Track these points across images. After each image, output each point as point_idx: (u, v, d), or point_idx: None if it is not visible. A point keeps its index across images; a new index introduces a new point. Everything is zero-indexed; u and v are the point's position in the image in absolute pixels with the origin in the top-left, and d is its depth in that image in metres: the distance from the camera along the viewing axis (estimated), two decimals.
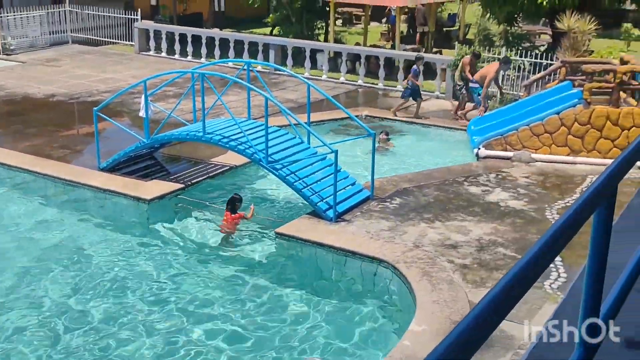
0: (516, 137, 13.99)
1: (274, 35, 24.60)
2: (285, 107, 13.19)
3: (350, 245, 9.63)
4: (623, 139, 13.44)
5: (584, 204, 1.73)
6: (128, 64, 23.14)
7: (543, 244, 1.61)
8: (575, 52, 16.89)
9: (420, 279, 8.65)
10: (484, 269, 9.08)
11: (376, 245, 9.63)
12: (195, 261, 10.21)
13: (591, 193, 1.78)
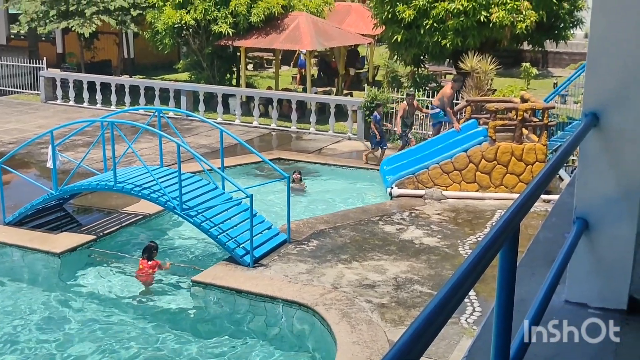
0: (427, 175, 14.34)
1: (185, 81, 24.51)
2: (199, 152, 13.12)
3: (269, 290, 9.56)
4: (528, 174, 13.99)
5: (487, 245, 1.79)
6: (34, 113, 22.51)
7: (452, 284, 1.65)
8: (479, 91, 17.56)
9: (339, 320, 8.65)
10: (402, 307, 9.18)
11: (294, 289, 9.60)
12: (111, 313, 9.89)
13: (494, 234, 1.85)
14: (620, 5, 3.04)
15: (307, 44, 21.71)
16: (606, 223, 3.14)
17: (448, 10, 18.67)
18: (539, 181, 2.29)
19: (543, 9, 19.10)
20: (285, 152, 17.90)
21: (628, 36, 3.03)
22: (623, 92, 3.08)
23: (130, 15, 24.81)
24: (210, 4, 22.27)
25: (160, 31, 23.02)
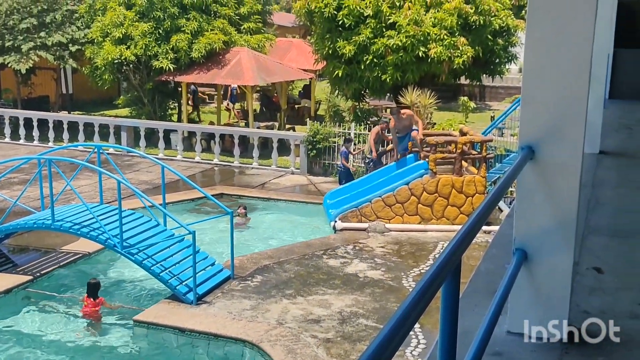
0: (370, 209, 14.44)
1: (126, 117, 24.24)
2: (140, 189, 12.93)
3: (213, 328, 9.42)
4: (468, 206, 14.24)
5: (430, 280, 1.81)
6: None
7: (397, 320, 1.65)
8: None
9: (285, 356, 8.57)
10: (347, 341, 9.15)
11: (239, 326, 9.47)
12: (51, 355, 9.56)
13: (436, 269, 1.86)
14: (551, 42, 3.14)
15: (249, 79, 21.78)
16: (544, 254, 3.21)
17: (387, 46, 19.02)
18: (478, 215, 2.33)
19: (479, 45, 19.66)
20: (228, 187, 17.80)
21: (560, 71, 3.14)
22: (557, 126, 3.17)
23: (68, 50, 24.53)
24: (151, 39, 22.17)
25: (100, 67, 22.77)
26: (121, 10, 22.72)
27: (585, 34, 3.11)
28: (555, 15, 3.13)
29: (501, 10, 20.00)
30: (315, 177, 19.00)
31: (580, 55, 3.13)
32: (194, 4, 22.71)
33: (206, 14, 23.25)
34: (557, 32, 3.14)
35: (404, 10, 19.14)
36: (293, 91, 31.91)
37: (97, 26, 23.14)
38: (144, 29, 22.10)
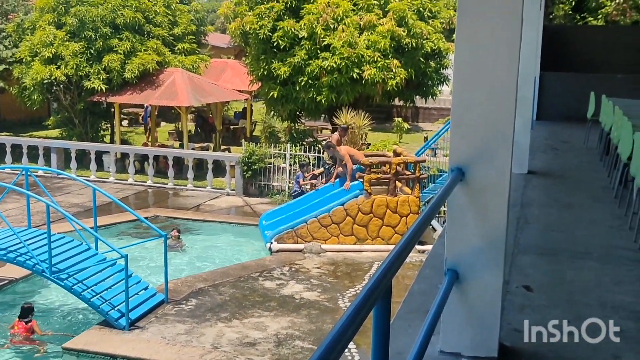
0: (306, 230, 14.44)
1: (56, 138, 23.66)
2: (70, 212, 12.61)
3: (145, 354, 9.21)
4: (402, 225, 14.40)
5: (360, 304, 1.80)
6: None
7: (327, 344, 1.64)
8: (354, 145, 18.00)
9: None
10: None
11: (173, 351, 9.29)
12: None
13: (366, 293, 1.86)
14: (478, 65, 3.21)
15: (184, 100, 21.59)
16: (475, 273, 3.26)
17: (322, 68, 19.17)
18: (406, 239, 2.34)
19: (412, 67, 20.01)
20: (162, 209, 17.52)
21: (487, 94, 3.21)
22: (485, 148, 3.23)
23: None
24: (82, 59, 21.77)
25: (29, 87, 22.20)
26: (51, 30, 22.26)
27: (511, 57, 3.19)
28: (481, 39, 3.21)
29: (433, 34, 20.43)
30: (251, 198, 18.90)
31: (506, 78, 3.21)
32: (127, 24, 22.43)
33: (139, 34, 23.00)
34: (483, 55, 3.21)
35: (338, 32, 19.35)
36: (228, 112, 31.79)
37: (26, 45, 22.60)
38: (75, 48, 21.69)
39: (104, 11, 22.18)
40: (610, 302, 4.13)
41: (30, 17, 23.83)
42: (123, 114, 28.66)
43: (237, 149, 21.81)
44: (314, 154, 18.81)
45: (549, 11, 19.95)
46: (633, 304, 4.14)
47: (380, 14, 20.26)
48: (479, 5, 3.20)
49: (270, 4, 20.20)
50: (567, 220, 6.21)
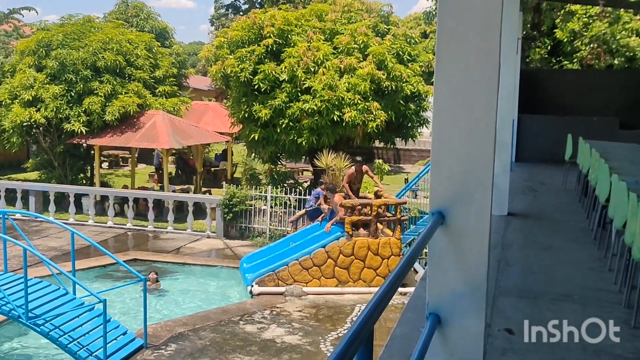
0: (287, 272, 14.36)
1: (35, 181, 23.48)
2: (48, 256, 12.47)
3: None
4: (384, 268, 14.37)
5: (343, 351, 1.79)
6: None
7: None
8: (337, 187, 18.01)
9: None
10: None
11: None
12: None
13: (349, 339, 1.85)
14: (457, 108, 3.25)
15: (164, 142, 21.58)
16: (456, 317, 3.25)
17: (303, 110, 19.29)
18: (389, 285, 2.34)
19: (392, 110, 20.20)
20: (141, 252, 17.36)
21: (466, 138, 3.24)
22: (465, 191, 3.25)
23: None
24: (62, 102, 21.75)
25: (8, 129, 22.08)
26: (32, 73, 22.27)
27: (489, 100, 3.23)
28: (460, 83, 3.25)
29: (412, 77, 20.69)
30: (231, 240, 18.80)
31: (485, 121, 3.24)
32: (108, 67, 22.51)
33: (120, 77, 23.07)
34: (462, 99, 3.25)
35: (319, 75, 19.54)
36: (209, 154, 31.79)
37: (6, 88, 22.56)
38: (56, 91, 21.68)
39: (85, 54, 22.25)
40: (591, 345, 4.12)
41: (11, 60, 23.83)
42: (103, 156, 28.55)
43: (218, 191, 21.77)
44: (295, 196, 18.81)
45: (526, 55, 20.32)
46: (613, 347, 4.14)
47: (360, 57, 20.51)
48: (457, 49, 3.25)
49: (251, 48, 20.39)
50: (547, 262, 6.24)
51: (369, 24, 21.63)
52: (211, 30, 64.37)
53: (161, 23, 32.23)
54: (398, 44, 21.23)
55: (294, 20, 21.34)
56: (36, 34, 23.98)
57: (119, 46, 23.15)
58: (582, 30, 20.30)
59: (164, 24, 32.30)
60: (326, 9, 22.54)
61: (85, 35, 23.42)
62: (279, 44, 20.42)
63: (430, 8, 30.66)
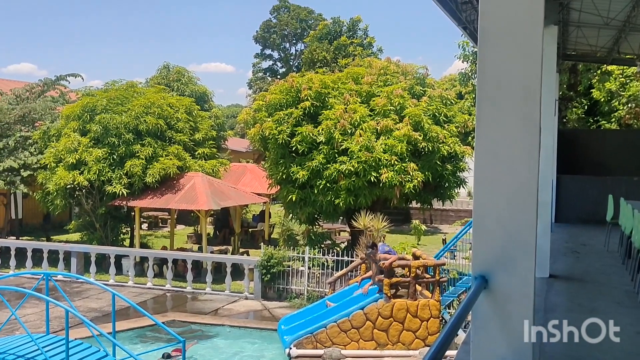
0: (325, 335, 14.23)
1: (77, 242, 23.85)
2: (89, 317, 12.58)
3: None
4: (423, 330, 14.16)
5: None
6: None
7: None
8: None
9: None
10: None
11: None
12: None
13: None
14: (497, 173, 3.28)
15: (203, 203, 21.83)
16: None
17: (340, 171, 19.43)
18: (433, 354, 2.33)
19: (429, 170, 20.22)
20: (180, 313, 17.41)
21: (507, 200, 3.26)
22: (508, 254, 3.26)
23: (20, 175, 24.32)
24: (105, 165, 22.24)
25: (52, 192, 22.60)
26: (76, 137, 22.87)
27: (530, 162, 3.26)
28: (501, 146, 3.29)
29: (449, 137, 20.74)
30: (269, 301, 18.76)
31: (526, 183, 3.27)
32: (150, 130, 23.02)
33: (161, 140, 23.55)
34: (503, 161, 3.29)
35: (356, 137, 19.72)
36: (247, 215, 32.01)
37: (51, 152, 23.17)
38: (98, 154, 22.20)
39: (127, 118, 22.83)
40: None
41: (56, 124, 24.53)
42: (143, 217, 28.91)
43: (256, 252, 21.84)
44: (332, 257, 18.78)
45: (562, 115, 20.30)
46: None
47: (397, 118, 20.67)
48: (497, 113, 3.30)
49: (289, 110, 20.73)
50: None
51: (405, 86, 21.87)
52: (249, 94, 65.76)
53: (201, 87, 32.99)
54: (434, 105, 21.40)
55: (330, 83, 21.69)
56: (81, 100, 24.70)
57: (160, 110, 23.71)
58: (620, 90, 20.27)
59: (203, 87, 33.05)
60: (362, 72, 22.89)
61: (128, 100, 24.08)
62: (316, 106, 20.74)
63: (465, 69, 30.81)
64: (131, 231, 25.38)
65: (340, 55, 49.35)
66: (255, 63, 68.19)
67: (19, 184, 24.34)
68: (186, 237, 29.23)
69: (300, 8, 65.90)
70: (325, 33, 53.79)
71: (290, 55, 67.50)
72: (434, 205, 24.90)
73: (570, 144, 14.92)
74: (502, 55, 3.31)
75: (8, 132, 24.99)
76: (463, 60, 29.33)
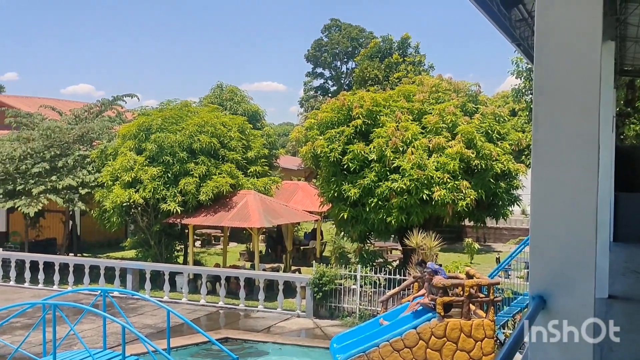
0: (378, 354, 14.13)
1: (132, 259, 24.29)
2: (144, 333, 12.76)
3: None
4: (477, 350, 13.92)
5: None
6: None
7: None
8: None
9: None
10: None
11: None
12: None
13: None
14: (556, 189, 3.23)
15: (256, 221, 22.00)
16: None
17: (392, 189, 19.35)
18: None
19: (482, 188, 19.99)
20: (233, 330, 17.52)
21: (565, 220, 3.21)
22: (566, 273, 3.20)
23: (78, 193, 24.93)
24: (160, 183, 22.63)
25: (109, 210, 23.09)
26: (132, 155, 23.35)
27: (589, 180, 3.20)
28: (558, 164, 3.24)
29: (502, 155, 20.48)
30: (321, 320, 18.75)
31: (585, 201, 3.21)
32: (203, 149, 23.36)
33: (214, 158, 23.86)
34: (561, 180, 3.24)
35: (408, 155, 19.64)
36: (299, 233, 32.12)
37: (108, 170, 23.70)
38: (154, 172, 22.61)
39: (182, 137, 23.22)
40: None
41: (113, 143, 25.11)
42: (196, 235, 29.29)
43: (307, 270, 21.87)
44: (384, 275, 18.68)
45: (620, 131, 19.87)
46: None
47: (449, 136, 20.53)
48: (554, 131, 3.26)
49: (341, 129, 20.78)
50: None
51: (457, 104, 21.72)
52: (301, 112, 66.30)
53: (253, 106, 33.40)
54: (487, 122, 21.18)
55: (382, 101, 21.69)
56: (137, 119, 25.25)
57: (214, 129, 24.05)
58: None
59: (255, 106, 33.46)
60: (414, 90, 22.83)
61: (182, 119, 24.50)
62: (367, 124, 20.74)
63: (518, 86, 30.48)
64: (185, 248, 25.74)
65: (392, 73, 49.37)
66: (307, 81, 68.76)
67: (77, 202, 24.94)
68: (238, 254, 29.47)
69: (352, 27, 66.25)
70: (375, 51, 53.91)
71: (342, 73, 67.84)
72: (487, 223, 24.57)
73: (628, 160, 14.57)
74: (559, 72, 3.27)
75: (67, 151, 25.67)
76: (516, 77, 29.04)
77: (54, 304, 11.88)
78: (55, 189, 24.60)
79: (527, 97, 30.94)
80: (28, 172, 24.71)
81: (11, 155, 24.62)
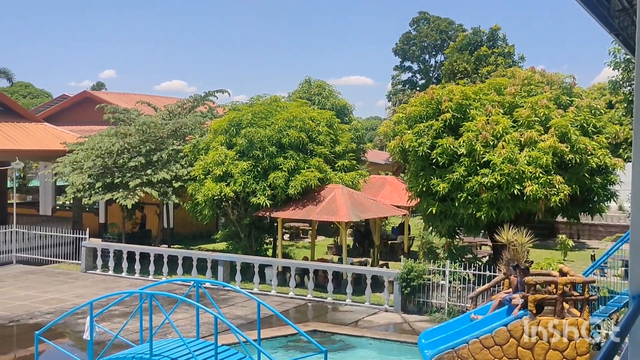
0: (467, 350, 13.95)
1: (223, 251, 24.86)
2: (235, 324, 13.05)
3: None
4: (571, 350, 13.53)
5: None
6: (73, 283, 22.84)
7: None
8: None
9: None
10: None
11: None
12: None
13: None
14: None
15: (343, 215, 22.09)
16: None
17: (482, 184, 19.01)
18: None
19: (576, 183, 19.36)
20: (321, 323, 17.69)
21: None
22: None
23: (171, 187, 25.69)
24: (250, 177, 23.04)
25: (201, 203, 23.71)
26: (223, 150, 23.87)
27: None
28: None
29: (598, 149, 19.75)
30: (409, 315, 18.68)
31: None
32: (292, 143, 23.62)
33: (303, 153, 24.09)
34: None
35: (498, 149, 19.24)
36: (387, 227, 32.05)
37: (200, 164, 24.32)
38: (244, 167, 23.04)
39: (271, 132, 23.56)
40: None
41: (205, 138, 25.73)
42: (285, 228, 29.68)
43: (395, 265, 21.81)
44: (474, 271, 18.41)
45: None
46: None
47: (542, 130, 19.98)
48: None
49: (429, 122, 20.56)
50: None
51: (550, 97, 21.09)
52: (388, 106, 66.07)
53: (341, 100, 33.48)
54: (582, 115, 20.47)
55: (472, 94, 21.31)
56: (228, 114, 25.78)
57: (302, 123, 24.27)
58: None
59: (343, 101, 33.52)
60: (505, 83, 22.34)
61: (272, 114, 24.85)
62: (457, 118, 20.43)
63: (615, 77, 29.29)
64: (274, 241, 26.14)
65: (481, 65, 48.47)
66: (395, 75, 68.44)
67: (170, 195, 25.72)
68: (326, 248, 29.69)
69: (440, 19, 65.46)
70: (465, 44, 53.07)
71: (430, 66, 67.16)
72: (582, 219, 23.81)
73: None
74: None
75: (162, 146, 26.50)
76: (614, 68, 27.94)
77: (150, 293, 12.29)
78: (150, 182, 25.44)
79: (625, 89, 29.71)
80: (125, 166, 25.64)
81: (110, 150, 25.61)
